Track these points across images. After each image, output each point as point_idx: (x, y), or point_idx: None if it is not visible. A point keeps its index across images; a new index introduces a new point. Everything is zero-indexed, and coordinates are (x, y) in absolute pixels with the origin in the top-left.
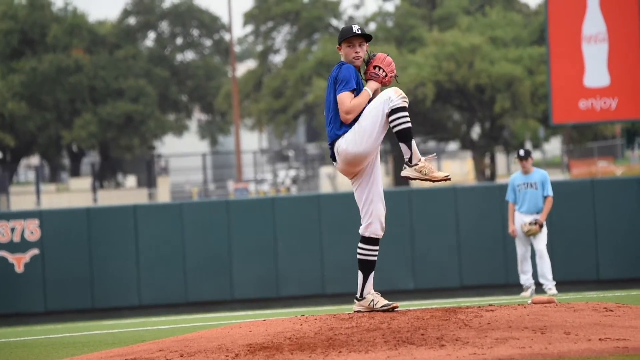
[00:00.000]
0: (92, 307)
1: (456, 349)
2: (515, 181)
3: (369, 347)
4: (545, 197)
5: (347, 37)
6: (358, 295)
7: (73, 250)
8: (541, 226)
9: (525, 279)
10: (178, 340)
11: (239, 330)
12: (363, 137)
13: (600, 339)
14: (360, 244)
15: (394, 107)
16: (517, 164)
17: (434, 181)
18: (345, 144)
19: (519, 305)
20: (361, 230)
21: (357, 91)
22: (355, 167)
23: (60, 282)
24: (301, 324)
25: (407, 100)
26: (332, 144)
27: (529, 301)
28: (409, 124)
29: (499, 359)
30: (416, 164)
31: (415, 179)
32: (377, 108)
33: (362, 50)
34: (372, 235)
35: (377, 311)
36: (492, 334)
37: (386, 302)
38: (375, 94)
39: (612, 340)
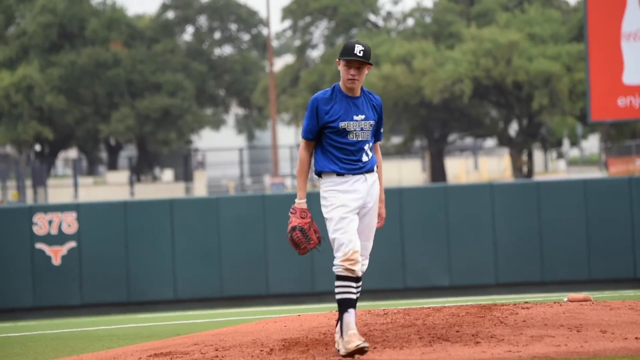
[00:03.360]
0: (128, 301)
1: (491, 346)
2: None
3: (403, 343)
4: None
5: (345, 58)
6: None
7: (110, 243)
8: None
9: None
10: (213, 334)
11: (273, 325)
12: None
13: (636, 338)
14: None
15: (338, 274)
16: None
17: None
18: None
19: (554, 303)
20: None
21: (334, 116)
22: None
23: (97, 275)
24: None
25: (353, 267)
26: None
27: (565, 299)
28: (345, 295)
29: (534, 357)
30: (344, 339)
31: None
32: (329, 227)
33: (360, 74)
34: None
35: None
36: (527, 331)
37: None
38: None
39: None
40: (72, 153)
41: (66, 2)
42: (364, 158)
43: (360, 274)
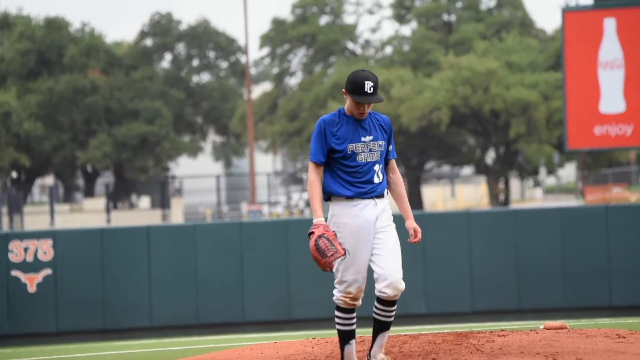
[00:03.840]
0: (104, 328)
1: None
2: None
3: None
4: None
5: (357, 99)
6: (367, 354)
7: (86, 270)
8: None
9: None
10: None
11: (250, 352)
12: None
13: None
14: (375, 303)
15: (337, 305)
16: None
17: None
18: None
19: (530, 330)
20: (376, 291)
21: (341, 139)
22: None
23: (73, 303)
24: (312, 347)
25: (350, 297)
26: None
27: (541, 326)
28: (342, 327)
29: None
30: None
31: None
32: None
33: (369, 108)
34: (385, 299)
35: None
36: (503, 359)
37: None
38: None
39: None
40: (49, 180)
41: (44, 29)
42: (375, 180)
43: (358, 304)
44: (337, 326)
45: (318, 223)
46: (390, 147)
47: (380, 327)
